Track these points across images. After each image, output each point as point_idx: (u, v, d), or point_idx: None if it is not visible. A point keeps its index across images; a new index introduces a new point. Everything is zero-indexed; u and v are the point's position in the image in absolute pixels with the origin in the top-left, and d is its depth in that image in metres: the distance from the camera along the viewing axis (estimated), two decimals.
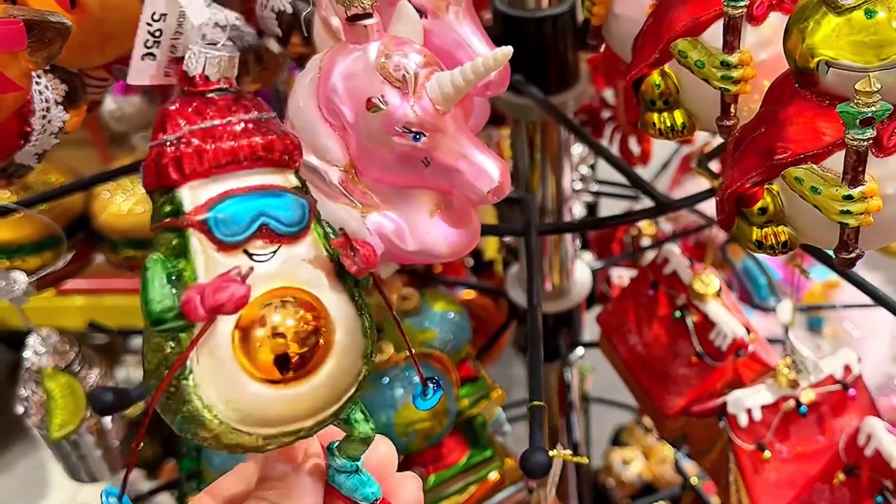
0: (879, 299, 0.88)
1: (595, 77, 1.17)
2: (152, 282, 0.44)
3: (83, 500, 1.18)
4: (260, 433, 0.44)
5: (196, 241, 0.44)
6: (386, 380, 0.91)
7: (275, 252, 0.46)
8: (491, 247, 1.52)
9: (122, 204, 1.13)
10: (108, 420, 1.06)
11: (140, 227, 1.15)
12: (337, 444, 0.50)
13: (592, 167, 1.33)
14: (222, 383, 0.44)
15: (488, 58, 0.58)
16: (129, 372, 1.70)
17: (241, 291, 0.42)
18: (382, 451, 0.54)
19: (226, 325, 0.44)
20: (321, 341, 0.46)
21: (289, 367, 0.44)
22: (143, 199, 1.14)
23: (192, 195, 0.45)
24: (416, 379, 0.92)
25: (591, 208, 1.47)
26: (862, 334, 1.32)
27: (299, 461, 0.51)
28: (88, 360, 1.02)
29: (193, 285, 0.43)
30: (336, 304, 0.47)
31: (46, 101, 0.66)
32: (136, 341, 1.91)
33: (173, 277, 0.44)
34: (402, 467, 0.99)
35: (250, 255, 0.45)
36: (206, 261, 0.44)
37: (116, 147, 1.41)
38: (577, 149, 1.26)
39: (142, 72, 0.55)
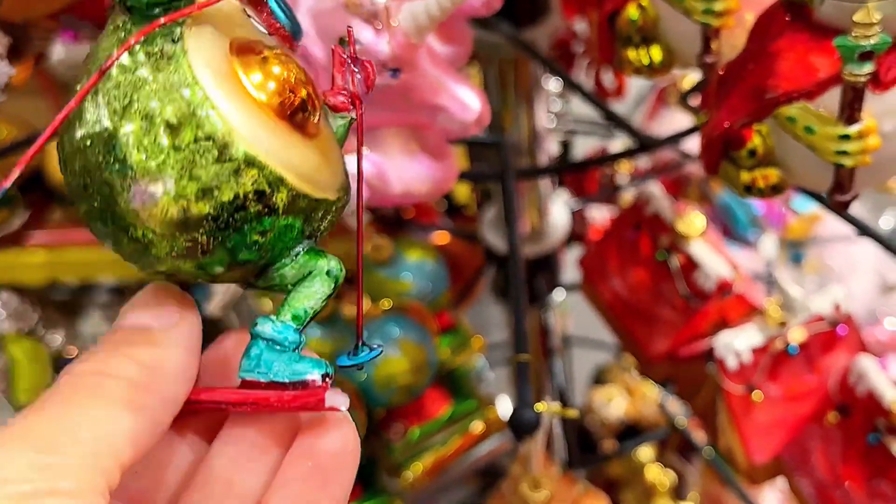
0: (867, 231, 0.86)
1: (566, 9, 1.12)
2: None
3: None
4: (247, 150, 0.34)
5: None
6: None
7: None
8: (464, 190, 1.49)
9: None
10: None
11: None
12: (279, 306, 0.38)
13: (566, 104, 1.29)
14: (222, 80, 0.35)
15: None
16: (96, 327, 1.66)
17: None
18: None
19: (225, 35, 0.36)
20: (317, 112, 0.38)
21: (299, 111, 0.36)
22: None
23: None
24: (396, 331, 0.91)
25: (566, 146, 1.44)
26: (844, 267, 1.30)
27: (173, 319, 0.38)
28: (52, 321, 0.99)
29: None
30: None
31: None
32: (102, 297, 1.87)
33: None
34: (384, 422, 0.98)
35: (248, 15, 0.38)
36: None
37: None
38: (550, 85, 1.22)
39: None
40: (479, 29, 0.96)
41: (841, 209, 0.58)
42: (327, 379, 0.36)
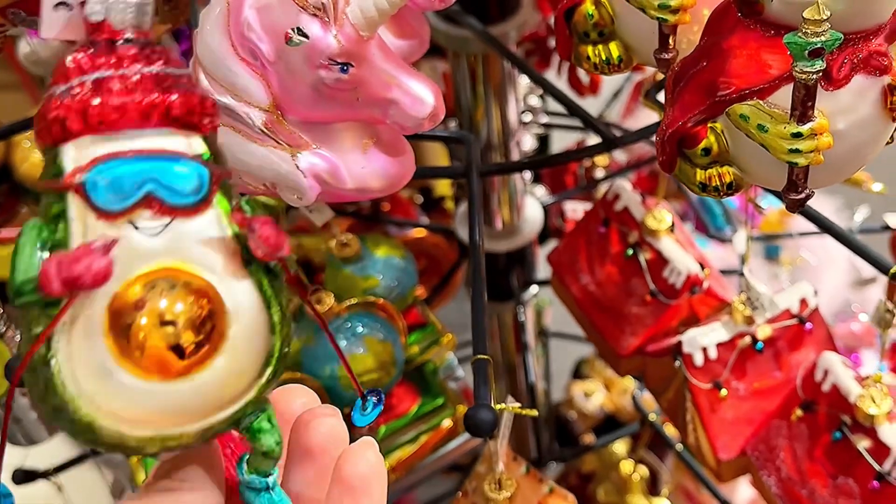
0: (829, 229, 0.85)
1: (540, 3, 1.11)
2: (23, 249, 0.39)
3: (33, 460, 1.15)
4: (132, 434, 0.39)
5: (74, 207, 0.39)
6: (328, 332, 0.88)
7: (166, 226, 0.40)
8: (442, 182, 1.48)
9: None
10: None
11: None
12: (247, 456, 0.45)
13: (542, 98, 1.28)
14: (91, 372, 0.39)
15: None
16: None
17: (100, 264, 0.37)
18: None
19: (101, 303, 0.39)
20: (210, 333, 0.40)
21: (169, 360, 0.39)
22: None
23: (76, 154, 0.40)
24: (360, 329, 0.90)
25: (543, 141, 1.43)
26: (819, 261, 1.30)
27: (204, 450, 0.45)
28: (14, 319, 0.97)
29: (56, 254, 0.38)
30: (235, 292, 0.41)
31: None
32: None
33: (48, 246, 0.39)
34: (350, 420, 0.97)
35: (136, 227, 0.40)
36: (85, 230, 0.39)
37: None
38: (525, 79, 1.21)
39: (55, 24, 0.45)
40: (447, 23, 0.95)
41: (796, 207, 0.58)
42: None
